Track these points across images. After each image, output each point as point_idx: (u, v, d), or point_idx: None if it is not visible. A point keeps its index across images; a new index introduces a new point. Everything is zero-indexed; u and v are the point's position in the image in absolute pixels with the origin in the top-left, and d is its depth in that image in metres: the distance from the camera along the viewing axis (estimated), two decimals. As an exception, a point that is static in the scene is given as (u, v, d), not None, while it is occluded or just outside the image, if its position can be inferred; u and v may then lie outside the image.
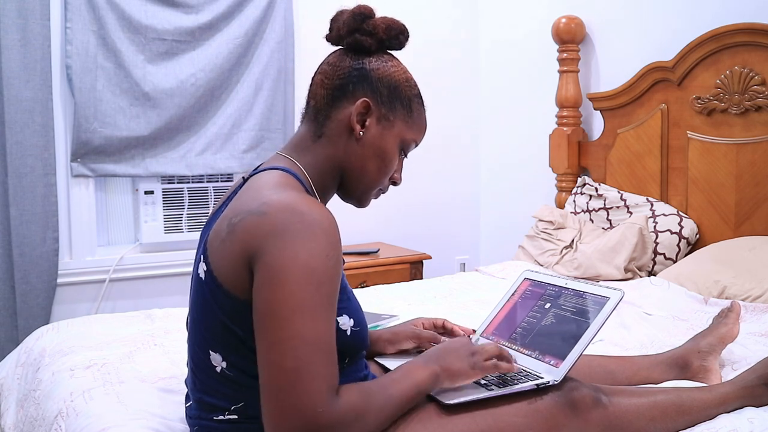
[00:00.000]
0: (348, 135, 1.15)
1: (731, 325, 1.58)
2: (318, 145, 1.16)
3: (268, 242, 0.97)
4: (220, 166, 3.07)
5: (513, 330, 1.34)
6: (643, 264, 2.60)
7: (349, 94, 1.14)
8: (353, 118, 1.14)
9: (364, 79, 1.15)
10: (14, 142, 2.66)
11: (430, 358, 1.11)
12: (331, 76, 1.16)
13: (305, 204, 1.01)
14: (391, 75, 1.16)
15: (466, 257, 3.84)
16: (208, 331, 1.08)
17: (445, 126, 3.65)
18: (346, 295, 1.11)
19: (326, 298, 0.97)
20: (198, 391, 1.12)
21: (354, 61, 1.16)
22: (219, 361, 1.07)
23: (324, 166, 1.16)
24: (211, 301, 1.06)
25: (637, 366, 1.50)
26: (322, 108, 1.16)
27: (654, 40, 2.87)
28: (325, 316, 0.96)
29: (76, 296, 2.91)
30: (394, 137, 1.17)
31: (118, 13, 2.81)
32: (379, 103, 1.15)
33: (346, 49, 1.18)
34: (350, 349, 1.12)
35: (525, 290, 1.42)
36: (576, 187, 3.04)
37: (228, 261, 1.02)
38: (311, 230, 0.98)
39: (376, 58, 1.17)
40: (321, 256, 0.97)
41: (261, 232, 0.98)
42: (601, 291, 1.26)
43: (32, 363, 1.80)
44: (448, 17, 3.69)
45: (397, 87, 1.17)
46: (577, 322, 1.23)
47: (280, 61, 3.14)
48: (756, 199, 2.47)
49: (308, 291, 0.95)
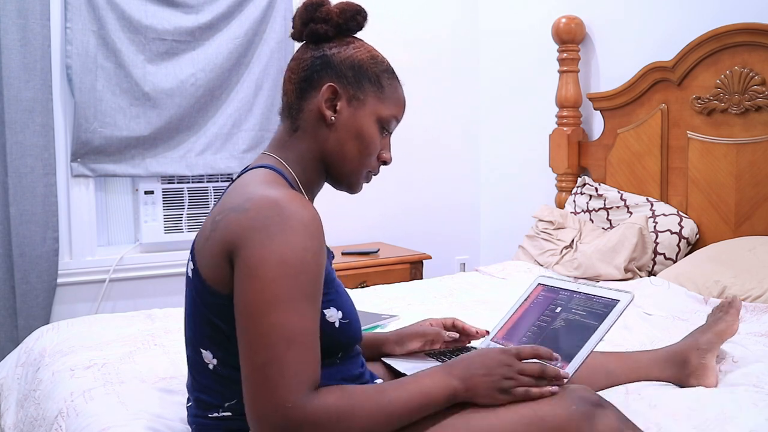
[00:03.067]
0: (321, 123, 1.15)
1: (731, 321, 1.56)
2: (296, 139, 1.17)
3: (247, 237, 0.98)
4: (220, 166, 3.07)
5: (523, 334, 1.34)
6: (643, 264, 2.60)
7: (315, 83, 1.14)
8: (322, 105, 1.14)
9: (327, 65, 1.14)
10: (14, 142, 2.66)
11: (453, 367, 1.05)
12: (296, 70, 1.17)
13: (286, 199, 1.01)
14: (352, 56, 1.16)
15: (466, 257, 3.84)
16: (198, 329, 1.09)
17: (445, 126, 3.65)
18: (334, 288, 1.11)
19: (304, 290, 0.96)
20: (195, 390, 1.13)
21: (315, 50, 1.16)
22: (210, 358, 1.08)
23: (305, 158, 1.17)
24: (197, 298, 1.08)
25: (637, 364, 1.50)
26: (293, 102, 1.17)
27: (654, 40, 2.87)
28: (301, 309, 0.96)
29: (76, 296, 2.91)
30: (368, 116, 1.16)
31: (118, 13, 2.81)
32: (346, 85, 1.14)
33: (306, 42, 1.19)
34: (340, 342, 1.12)
35: (538, 295, 1.42)
36: (576, 187, 3.04)
37: (210, 258, 1.04)
38: (289, 224, 0.98)
39: (336, 43, 1.17)
40: (298, 248, 0.97)
41: (241, 227, 0.99)
42: (611, 294, 1.26)
43: (32, 363, 1.80)
44: (447, 17, 3.69)
45: (362, 66, 1.16)
46: (585, 325, 1.23)
47: (280, 61, 3.14)
48: (756, 199, 2.47)
49: (283, 284, 0.95)
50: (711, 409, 1.29)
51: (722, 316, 1.57)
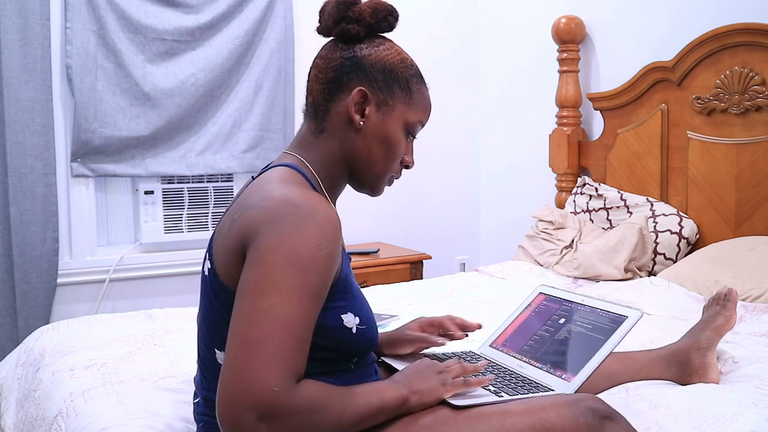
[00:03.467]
0: (349, 126, 1.13)
1: (728, 314, 1.54)
2: (321, 140, 1.15)
3: (261, 229, 0.97)
4: (220, 166, 3.07)
5: (525, 342, 1.33)
6: (643, 264, 2.60)
7: (344, 85, 1.12)
8: (351, 109, 1.12)
9: (357, 67, 1.12)
10: (14, 142, 2.66)
11: (398, 381, 1.08)
12: (324, 69, 1.14)
13: (303, 198, 1.00)
14: (384, 59, 1.13)
15: (466, 257, 3.84)
16: (213, 329, 1.08)
17: (445, 126, 3.65)
18: (352, 293, 1.09)
19: (309, 286, 0.95)
20: (204, 388, 1.13)
21: (344, 51, 1.13)
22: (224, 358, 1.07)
23: (329, 160, 1.15)
24: (213, 298, 1.07)
25: (638, 364, 1.50)
26: (320, 103, 1.15)
27: (654, 40, 2.87)
28: (303, 303, 0.94)
29: (76, 296, 2.91)
30: (396, 121, 1.14)
31: (118, 13, 2.81)
32: (376, 90, 1.13)
33: (335, 40, 1.16)
34: (357, 347, 1.11)
35: (539, 304, 1.41)
36: (576, 187, 3.04)
37: (226, 256, 1.03)
38: (304, 221, 0.97)
39: (367, 44, 1.14)
40: (311, 244, 0.96)
41: (256, 222, 0.99)
42: (619, 309, 1.25)
43: (32, 363, 1.80)
44: (448, 17, 3.69)
45: (393, 70, 1.14)
46: (592, 339, 1.22)
47: (280, 61, 3.14)
48: (756, 199, 2.47)
49: (289, 273, 0.94)
50: (711, 409, 1.29)
51: (719, 310, 1.56)
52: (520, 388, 1.16)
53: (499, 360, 1.33)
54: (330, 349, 1.06)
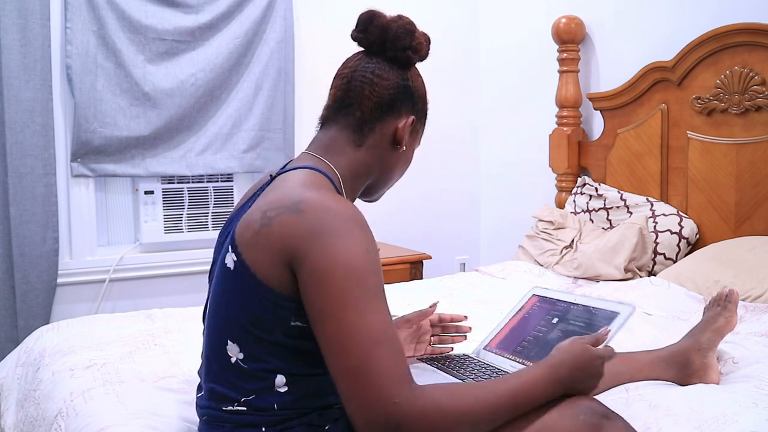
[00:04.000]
0: (389, 146, 1.20)
1: (729, 315, 1.55)
2: (358, 153, 1.19)
3: (308, 243, 1.00)
4: (220, 166, 3.07)
5: (518, 344, 1.34)
6: (643, 264, 2.60)
7: (396, 109, 1.19)
8: (403, 135, 1.19)
9: (410, 96, 1.20)
10: (14, 142, 2.66)
11: (558, 372, 1.07)
12: (380, 88, 1.18)
13: (338, 202, 1.05)
14: (423, 89, 1.23)
15: (466, 257, 3.84)
16: (228, 321, 1.08)
17: (445, 126, 3.65)
18: None
19: (372, 289, 1.00)
20: (210, 381, 1.13)
21: (400, 76, 1.19)
22: (236, 352, 1.07)
23: (360, 172, 1.20)
24: (238, 291, 1.06)
25: (639, 364, 1.51)
26: (368, 118, 1.18)
27: (654, 40, 2.87)
28: (374, 307, 0.98)
29: (76, 296, 2.91)
30: (417, 143, 1.27)
31: (118, 13, 2.81)
32: (419, 118, 1.23)
33: (390, 62, 1.19)
34: None
35: (533, 306, 1.42)
36: (576, 187, 3.04)
37: (264, 254, 1.04)
38: (348, 227, 1.01)
39: (412, 72, 1.22)
40: (360, 251, 1.00)
41: (300, 232, 1.01)
42: (611, 306, 1.25)
43: (32, 363, 1.80)
44: (448, 17, 3.69)
45: (426, 101, 1.24)
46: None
47: (280, 61, 3.14)
48: (756, 199, 2.47)
49: (353, 287, 0.98)
50: (711, 409, 1.29)
51: (720, 311, 1.56)
52: None
53: (492, 362, 1.33)
54: None
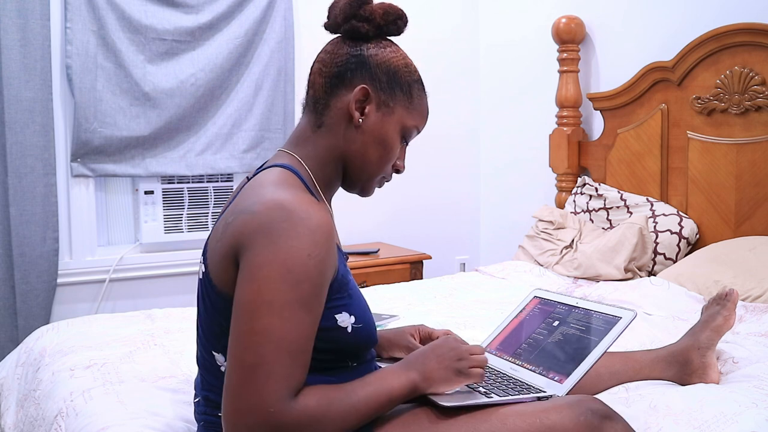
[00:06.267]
0: (347, 123, 1.13)
1: (728, 314, 1.55)
2: (318, 136, 1.15)
3: (253, 240, 0.98)
4: (220, 166, 3.07)
5: (518, 345, 1.33)
6: (643, 264, 2.60)
7: (347, 81, 1.13)
8: (352, 106, 1.12)
9: (363, 66, 1.13)
10: (14, 142, 2.66)
11: (410, 363, 1.08)
12: (329, 64, 1.15)
13: (296, 202, 1.01)
14: (389, 61, 1.15)
15: (466, 257, 3.84)
16: (210, 331, 1.09)
17: (445, 126, 3.65)
18: (348, 291, 1.09)
19: (303, 298, 0.96)
20: (204, 389, 1.14)
21: (351, 48, 1.14)
22: (222, 361, 1.08)
23: (325, 156, 1.15)
24: (208, 302, 1.07)
25: (639, 364, 1.51)
26: (321, 97, 1.15)
27: (654, 40, 2.87)
28: (297, 316, 0.96)
29: (76, 296, 2.91)
30: (394, 124, 1.15)
31: (118, 13, 2.81)
32: (378, 90, 1.13)
33: (343, 37, 1.17)
34: (355, 346, 1.10)
35: (533, 308, 1.42)
36: (576, 187, 3.04)
37: (219, 260, 1.04)
38: (296, 229, 0.98)
39: (375, 44, 1.15)
40: (302, 255, 0.97)
41: (248, 229, 0.99)
42: (613, 311, 1.25)
43: (32, 363, 1.80)
44: (448, 17, 3.69)
45: (396, 73, 1.15)
46: (585, 340, 1.22)
47: (280, 61, 3.14)
48: (756, 199, 2.47)
49: (283, 289, 0.95)
50: (711, 410, 1.29)
51: (719, 310, 1.56)
52: (511, 390, 1.16)
53: (492, 364, 1.34)
54: (327, 350, 1.06)
